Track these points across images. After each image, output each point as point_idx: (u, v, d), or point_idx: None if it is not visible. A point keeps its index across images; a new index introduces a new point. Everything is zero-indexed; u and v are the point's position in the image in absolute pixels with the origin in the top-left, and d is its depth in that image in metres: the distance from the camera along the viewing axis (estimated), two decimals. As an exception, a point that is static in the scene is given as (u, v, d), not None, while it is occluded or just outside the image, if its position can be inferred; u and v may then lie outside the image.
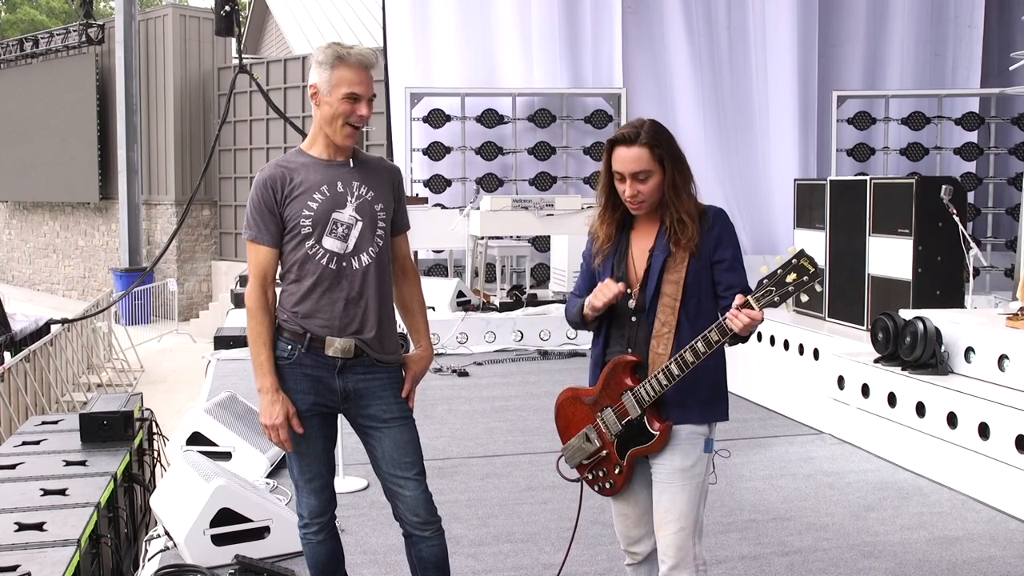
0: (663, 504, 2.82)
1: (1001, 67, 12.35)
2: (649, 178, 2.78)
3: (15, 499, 4.43)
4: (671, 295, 2.76)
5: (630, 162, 2.76)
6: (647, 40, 12.38)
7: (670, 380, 2.70)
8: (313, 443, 3.05)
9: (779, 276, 2.62)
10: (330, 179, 2.97)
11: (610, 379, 2.83)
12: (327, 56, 2.92)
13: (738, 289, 2.75)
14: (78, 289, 24.24)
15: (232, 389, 6.10)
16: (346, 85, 2.91)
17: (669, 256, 2.79)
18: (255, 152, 20.55)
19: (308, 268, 2.96)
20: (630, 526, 2.98)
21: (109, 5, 39.26)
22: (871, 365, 5.82)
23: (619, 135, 2.81)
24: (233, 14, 13.79)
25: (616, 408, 2.82)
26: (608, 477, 2.90)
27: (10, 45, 24.87)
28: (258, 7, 27.20)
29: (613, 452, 2.86)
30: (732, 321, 2.60)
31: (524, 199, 9.77)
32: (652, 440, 2.78)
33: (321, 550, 3.16)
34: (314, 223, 2.94)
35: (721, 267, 2.80)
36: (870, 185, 6.96)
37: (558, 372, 8.34)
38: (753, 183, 12.26)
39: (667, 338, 2.75)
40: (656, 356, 2.75)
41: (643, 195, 2.79)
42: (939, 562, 4.13)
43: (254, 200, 2.96)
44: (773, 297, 2.62)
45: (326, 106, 2.94)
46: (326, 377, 2.99)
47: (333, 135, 2.96)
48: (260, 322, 2.96)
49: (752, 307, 2.61)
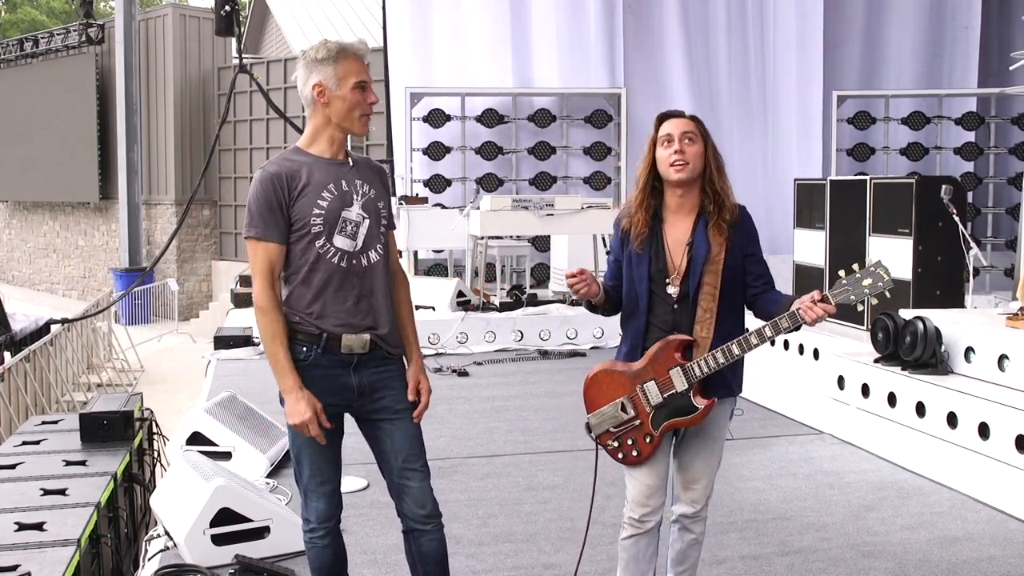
0: (697, 466, 3.18)
1: (1000, 67, 12.36)
2: (695, 142, 3.06)
3: (15, 499, 4.42)
4: (711, 284, 3.03)
5: (681, 124, 3.08)
6: (647, 40, 12.38)
7: (728, 359, 2.98)
8: (325, 447, 3.03)
9: (856, 278, 2.92)
10: (335, 178, 2.98)
11: (659, 354, 3.05)
12: (328, 52, 2.95)
13: (766, 279, 3.11)
14: (78, 289, 24.24)
15: (232, 389, 6.10)
16: (354, 75, 2.96)
17: (709, 248, 3.05)
18: (255, 152, 20.55)
19: (319, 267, 2.95)
20: (650, 495, 3.15)
21: (109, 5, 39.27)
22: (871, 365, 5.82)
23: (669, 111, 3.16)
24: (233, 14, 13.78)
25: (661, 381, 3.05)
26: (636, 445, 3.11)
27: (10, 45, 24.88)
28: (258, 7, 27.19)
29: (647, 422, 3.09)
30: (807, 312, 2.89)
31: (524, 199, 9.77)
32: (695, 413, 3.04)
33: (327, 554, 3.13)
34: (325, 222, 2.94)
35: (752, 260, 3.12)
36: (870, 185, 6.96)
37: (558, 372, 8.34)
38: (753, 183, 12.27)
39: (709, 323, 3.03)
40: (700, 339, 3.03)
41: (688, 155, 3.04)
42: (939, 562, 4.13)
43: (259, 197, 2.93)
44: (849, 296, 2.92)
45: (338, 100, 2.96)
46: (342, 375, 2.99)
47: (351, 126, 3.01)
48: (274, 319, 2.94)
49: (829, 302, 2.89)
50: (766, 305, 3.08)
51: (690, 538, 3.26)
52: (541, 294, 10.74)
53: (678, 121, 3.09)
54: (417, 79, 12.18)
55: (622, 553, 3.21)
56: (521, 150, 12.35)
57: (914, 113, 12.48)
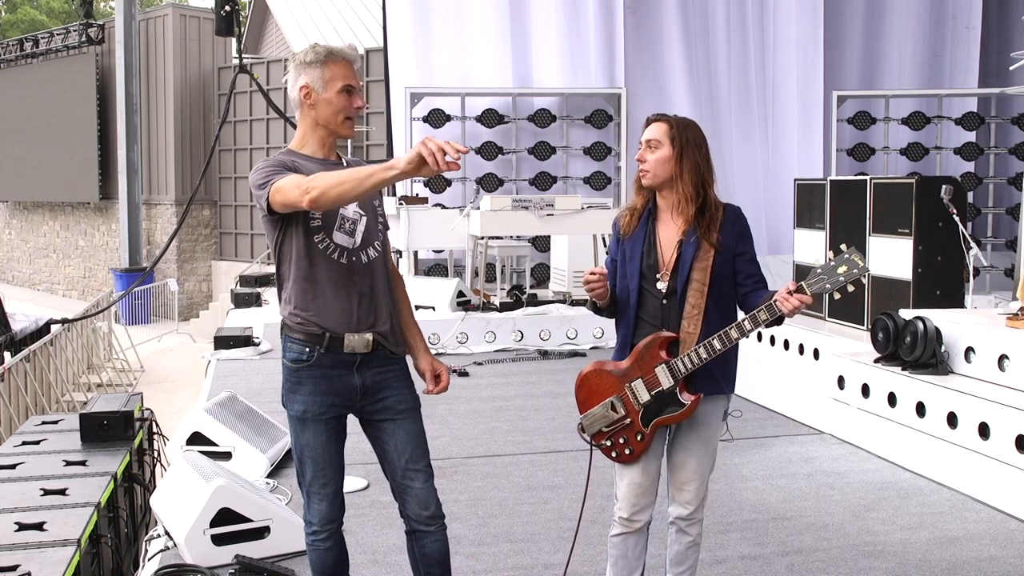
0: (690, 466, 3.18)
1: (1000, 67, 12.37)
2: (658, 148, 3.09)
3: (15, 499, 4.43)
4: (700, 280, 3.06)
5: (650, 130, 3.14)
6: (647, 40, 12.38)
7: (711, 354, 2.99)
8: (329, 448, 3.03)
9: (831, 267, 2.92)
10: None
11: (644, 353, 3.08)
12: (316, 55, 2.97)
13: (757, 278, 3.13)
14: (78, 289, 24.24)
15: (232, 389, 6.10)
16: (340, 79, 2.97)
17: (699, 246, 3.07)
18: (255, 152, 20.55)
19: (318, 263, 2.95)
20: (640, 494, 3.18)
21: (109, 5, 39.27)
22: (871, 365, 5.82)
23: (653, 115, 3.19)
24: (233, 14, 13.79)
25: (647, 379, 3.07)
26: (628, 444, 3.14)
27: (10, 45, 24.88)
28: (258, 7, 27.20)
29: (637, 421, 3.11)
30: (783, 303, 2.91)
31: (524, 199, 9.78)
32: (682, 410, 3.06)
33: (329, 556, 3.12)
34: (323, 216, 2.94)
35: (743, 259, 3.13)
36: (870, 185, 6.96)
37: (558, 372, 8.34)
38: (753, 183, 12.27)
39: (697, 319, 3.05)
40: (687, 335, 3.05)
41: (648, 164, 3.10)
42: (939, 562, 4.13)
43: (269, 163, 2.90)
44: (825, 284, 2.92)
45: (324, 103, 2.97)
46: (344, 375, 2.98)
47: (337, 129, 3.01)
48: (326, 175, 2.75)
49: (804, 292, 2.91)
50: (755, 303, 3.09)
51: (687, 540, 3.26)
52: (541, 294, 10.74)
53: (651, 127, 3.14)
54: (417, 79, 12.19)
55: (611, 550, 3.27)
56: (521, 150, 12.35)
57: (914, 113, 12.49)
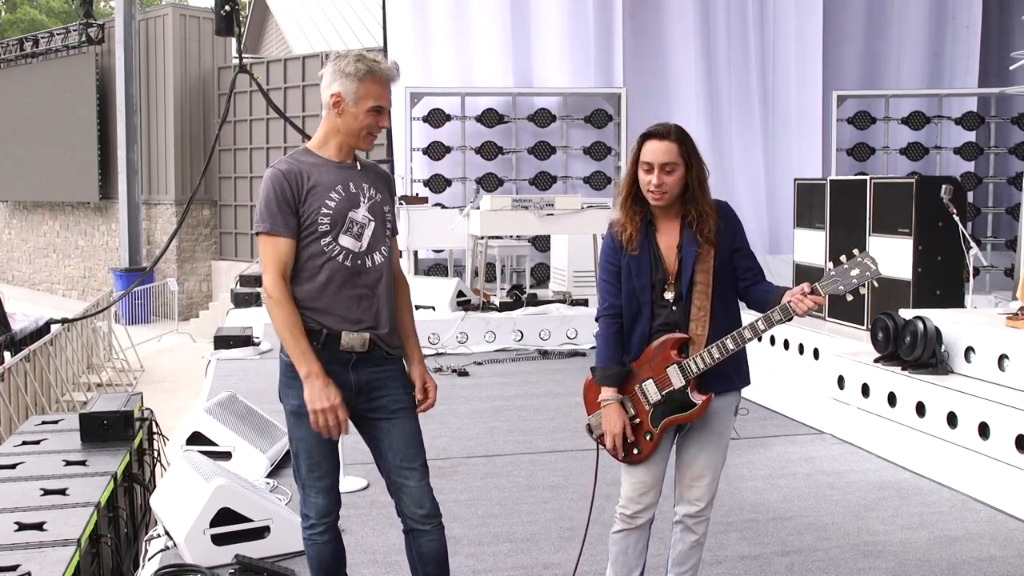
0: (700, 462, 3.19)
1: (1000, 67, 12.36)
2: (675, 171, 3.04)
3: (15, 499, 4.42)
4: (703, 283, 3.08)
5: (661, 153, 3.03)
6: (647, 40, 12.38)
7: (723, 354, 3.01)
8: (324, 441, 3.05)
9: (844, 269, 2.95)
10: (343, 180, 3.04)
11: (656, 354, 3.09)
12: (357, 69, 2.97)
13: (756, 271, 3.14)
14: (78, 289, 24.24)
15: (232, 389, 6.10)
16: (373, 99, 2.99)
17: (699, 249, 3.08)
18: (255, 152, 20.55)
19: (324, 265, 2.99)
20: (644, 492, 3.19)
21: (109, 5, 39.27)
22: (871, 365, 5.82)
23: (652, 130, 3.08)
24: (233, 14, 13.78)
25: (658, 380, 3.08)
26: (636, 444, 3.15)
27: (10, 45, 24.87)
28: (258, 7, 27.20)
29: (646, 420, 3.13)
30: (798, 304, 2.93)
31: (524, 199, 9.77)
32: (693, 409, 3.07)
33: (326, 551, 3.15)
34: (332, 222, 2.99)
35: (740, 254, 3.15)
36: (870, 185, 6.96)
37: (558, 372, 8.34)
38: (753, 183, 12.27)
39: (704, 320, 3.08)
40: (696, 336, 3.07)
41: (667, 186, 3.04)
42: (939, 562, 4.13)
43: (271, 193, 2.97)
44: (838, 286, 2.95)
45: (350, 117, 3.00)
46: (340, 372, 3.00)
47: (356, 142, 3.06)
48: (291, 311, 2.96)
49: (819, 293, 2.93)
50: (758, 296, 3.11)
51: (692, 539, 3.26)
52: (541, 294, 10.73)
53: (659, 148, 3.02)
54: (417, 79, 12.18)
55: (612, 547, 3.27)
56: (521, 150, 12.35)
57: (914, 113, 12.48)
